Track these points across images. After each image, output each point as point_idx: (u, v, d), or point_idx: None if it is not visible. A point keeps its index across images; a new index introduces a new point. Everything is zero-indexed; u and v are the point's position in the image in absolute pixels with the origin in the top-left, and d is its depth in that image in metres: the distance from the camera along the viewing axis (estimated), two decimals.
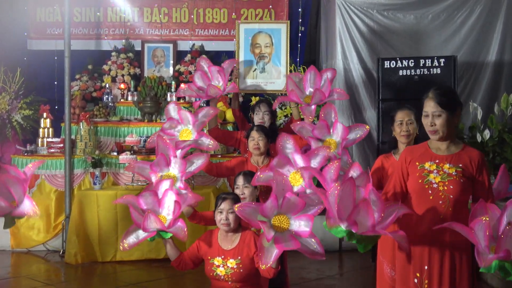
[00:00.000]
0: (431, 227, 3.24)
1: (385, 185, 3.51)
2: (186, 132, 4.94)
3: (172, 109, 5.01)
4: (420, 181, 3.33)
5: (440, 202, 3.27)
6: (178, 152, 4.60)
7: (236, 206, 3.44)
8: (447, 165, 3.32)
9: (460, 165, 3.31)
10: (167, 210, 3.88)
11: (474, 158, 3.34)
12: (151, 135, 5.13)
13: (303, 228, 3.37)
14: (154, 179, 4.41)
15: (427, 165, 3.35)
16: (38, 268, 6.81)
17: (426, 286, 3.31)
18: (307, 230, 3.34)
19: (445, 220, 3.21)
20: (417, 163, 3.39)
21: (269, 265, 3.37)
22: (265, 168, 4.44)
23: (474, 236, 3.01)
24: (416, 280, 3.34)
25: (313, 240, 3.35)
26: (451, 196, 3.26)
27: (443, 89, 3.44)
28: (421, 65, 6.95)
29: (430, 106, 3.33)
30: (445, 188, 3.27)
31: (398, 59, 7.05)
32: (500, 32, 7.99)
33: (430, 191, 3.30)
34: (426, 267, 3.32)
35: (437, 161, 3.35)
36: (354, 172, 3.54)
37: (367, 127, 4.63)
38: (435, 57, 6.98)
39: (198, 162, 4.55)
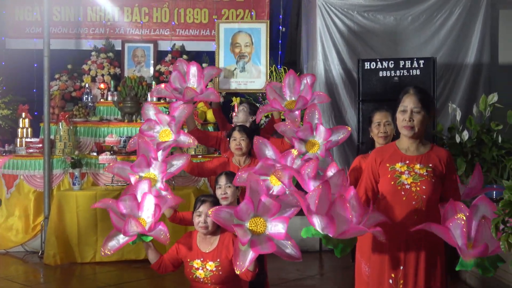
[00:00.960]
0: (406, 228, 3.27)
1: (356, 189, 3.49)
2: (166, 132, 4.92)
3: (150, 110, 4.98)
4: (392, 182, 3.35)
5: (414, 202, 3.30)
6: (160, 153, 4.57)
7: (210, 211, 3.42)
8: (417, 166, 3.35)
9: (430, 165, 3.35)
10: (147, 213, 3.85)
11: (443, 157, 3.39)
12: (132, 137, 5.09)
13: (278, 230, 3.35)
14: (133, 180, 4.38)
15: (398, 166, 3.38)
16: (16, 269, 6.75)
17: (401, 286, 3.34)
18: (282, 232, 3.32)
19: (420, 220, 3.24)
20: (388, 165, 3.40)
21: (244, 269, 3.34)
22: (246, 168, 4.43)
23: (450, 235, 3.04)
24: (391, 281, 3.36)
25: (288, 242, 3.33)
26: (424, 196, 3.29)
27: (423, 89, 3.49)
28: (401, 66, 6.99)
29: (411, 102, 3.35)
30: (418, 188, 3.30)
31: (378, 60, 7.09)
32: (478, 34, 8.06)
33: (403, 192, 3.32)
34: (401, 267, 3.33)
35: (407, 161, 3.38)
36: (331, 172, 3.54)
37: (349, 129, 4.65)
38: (415, 59, 7.03)
39: (179, 163, 4.53)
